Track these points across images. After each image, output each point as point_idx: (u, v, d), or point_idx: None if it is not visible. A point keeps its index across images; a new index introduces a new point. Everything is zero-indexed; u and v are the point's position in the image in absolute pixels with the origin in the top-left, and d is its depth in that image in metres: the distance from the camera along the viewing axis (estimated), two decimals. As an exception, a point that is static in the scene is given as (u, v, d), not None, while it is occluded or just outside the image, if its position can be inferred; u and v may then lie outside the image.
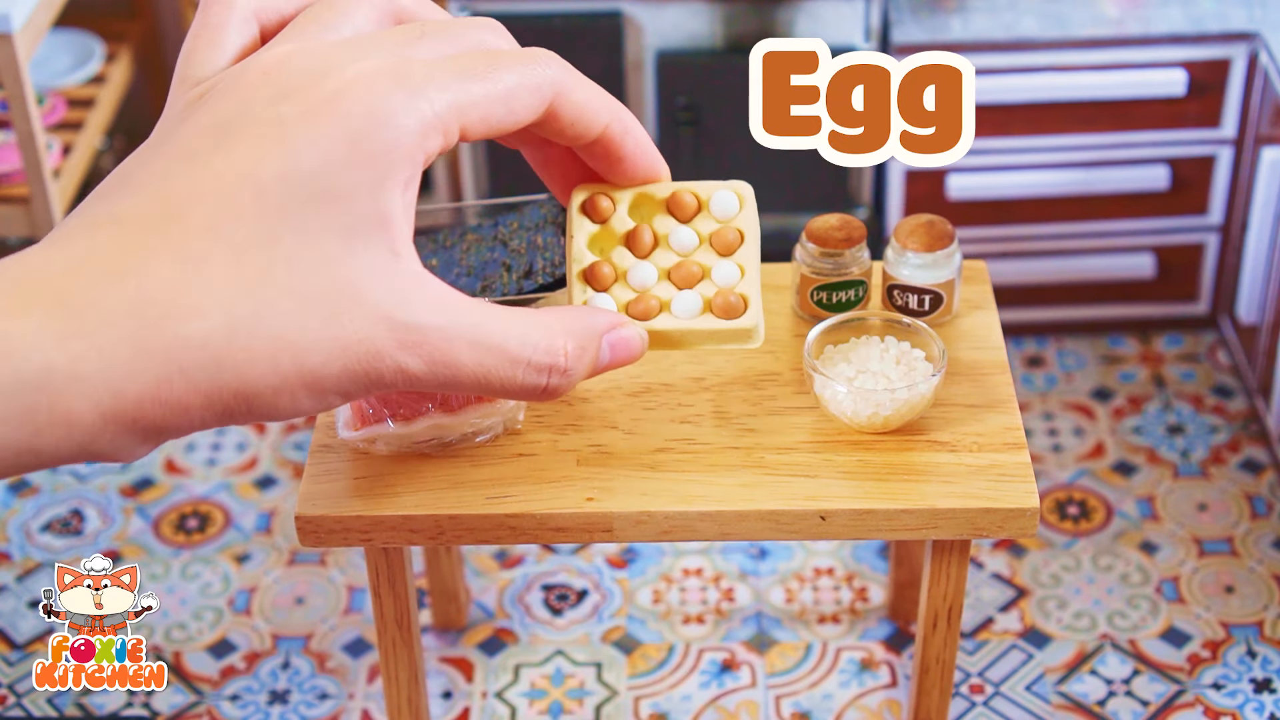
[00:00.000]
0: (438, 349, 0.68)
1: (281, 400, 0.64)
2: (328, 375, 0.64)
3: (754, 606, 1.53)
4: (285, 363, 0.63)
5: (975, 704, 1.44)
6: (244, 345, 0.62)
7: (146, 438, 0.62)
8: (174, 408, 0.61)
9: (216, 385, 0.62)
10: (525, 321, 0.72)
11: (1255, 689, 1.44)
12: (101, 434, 0.60)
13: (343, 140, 0.64)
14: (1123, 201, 1.79)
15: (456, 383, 0.70)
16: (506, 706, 1.44)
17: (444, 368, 0.69)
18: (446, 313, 0.68)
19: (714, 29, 1.77)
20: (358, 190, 0.64)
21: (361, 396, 0.68)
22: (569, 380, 0.76)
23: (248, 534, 1.62)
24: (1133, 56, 1.72)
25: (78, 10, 1.98)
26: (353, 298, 0.64)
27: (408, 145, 0.65)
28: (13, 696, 1.47)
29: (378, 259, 0.65)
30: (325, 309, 0.64)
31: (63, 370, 0.58)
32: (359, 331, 0.65)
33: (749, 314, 1.08)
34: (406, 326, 0.66)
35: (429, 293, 0.67)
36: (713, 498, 1.05)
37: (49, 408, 0.58)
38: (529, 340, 0.72)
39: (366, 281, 0.65)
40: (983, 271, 1.25)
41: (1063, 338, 1.87)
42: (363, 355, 0.65)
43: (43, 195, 1.68)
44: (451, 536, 1.06)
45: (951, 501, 1.05)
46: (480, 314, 0.70)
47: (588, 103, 0.75)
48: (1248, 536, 1.59)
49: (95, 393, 0.59)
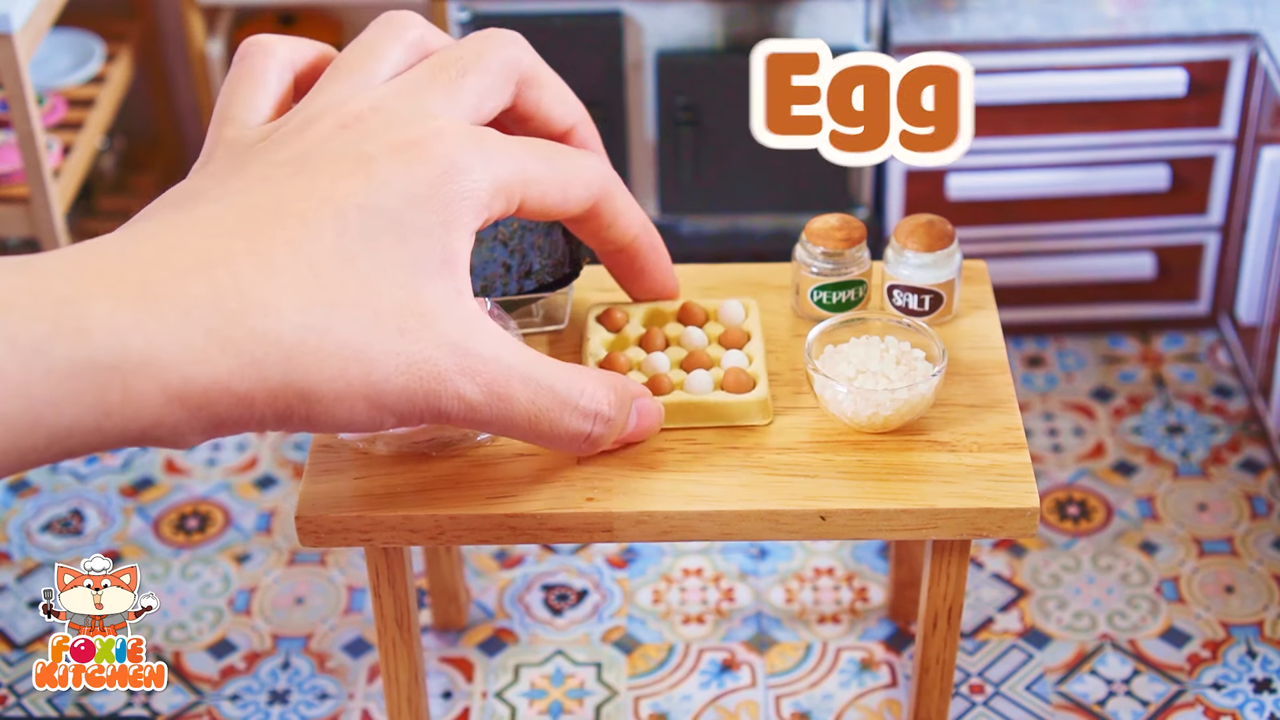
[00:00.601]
0: (496, 380, 0.71)
1: (340, 409, 0.66)
2: (389, 390, 0.66)
3: (754, 606, 1.53)
4: (352, 371, 0.65)
5: (975, 704, 1.44)
6: (315, 348, 0.64)
7: (207, 427, 0.63)
8: (241, 399, 0.62)
9: (284, 384, 0.63)
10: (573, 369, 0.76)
11: (1255, 689, 1.44)
12: (167, 417, 0.61)
13: (425, 182, 0.67)
14: (1123, 201, 1.79)
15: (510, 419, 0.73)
16: (506, 706, 1.44)
17: (499, 401, 0.72)
18: (505, 349, 0.71)
19: (714, 29, 1.77)
20: (432, 230, 0.67)
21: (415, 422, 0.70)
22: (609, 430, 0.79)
23: (248, 534, 1.62)
24: (1133, 56, 1.72)
25: (78, 10, 1.98)
26: (421, 318, 0.67)
27: (480, 198, 0.69)
28: (13, 696, 1.47)
29: (445, 293, 0.68)
30: (395, 325, 0.66)
31: (137, 353, 0.59)
32: (425, 351, 0.67)
33: (759, 389, 1.11)
34: (469, 354, 0.69)
35: (490, 330, 0.71)
36: (713, 498, 1.05)
37: (122, 387, 0.59)
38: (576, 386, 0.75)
39: (436, 309, 0.68)
40: (983, 271, 1.25)
41: (1063, 338, 1.87)
42: (425, 375, 0.67)
43: (43, 195, 1.68)
44: (451, 536, 1.06)
45: (951, 501, 1.05)
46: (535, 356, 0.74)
47: (626, 208, 0.81)
48: (1248, 536, 1.59)
49: (166, 375, 0.60)
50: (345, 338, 0.65)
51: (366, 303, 0.66)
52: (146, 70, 2.05)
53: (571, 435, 0.77)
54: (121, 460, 1.70)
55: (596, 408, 0.77)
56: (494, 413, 0.72)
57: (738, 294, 1.19)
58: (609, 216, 0.80)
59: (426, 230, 0.68)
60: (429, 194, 0.68)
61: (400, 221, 0.67)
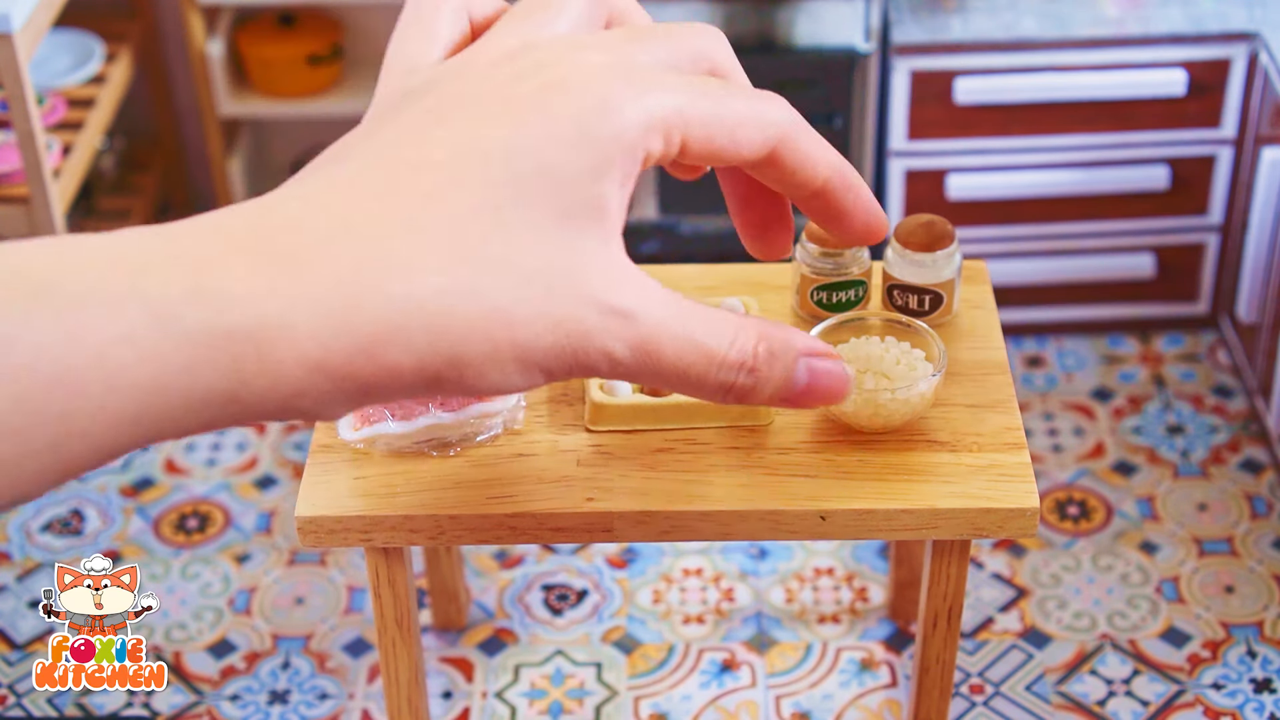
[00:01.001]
0: (643, 336, 0.69)
1: (491, 371, 0.64)
2: (537, 349, 0.65)
3: (754, 606, 1.53)
4: (499, 333, 0.64)
5: (975, 704, 1.44)
6: (460, 312, 0.62)
7: (353, 396, 0.62)
8: (386, 367, 0.61)
9: (431, 349, 0.62)
10: (724, 319, 0.73)
11: (1255, 689, 1.44)
12: (309, 388, 0.60)
13: (571, 123, 0.64)
14: (1123, 201, 1.79)
15: (657, 372, 0.71)
16: (506, 706, 1.44)
17: (646, 356, 0.70)
18: (654, 303, 0.69)
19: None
20: (580, 175, 0.64)
21: (564, 378, 0.69)
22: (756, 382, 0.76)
23: (248, 534, 1.62)
24: (1133, 56, 1.72)
25: (78, 10, 1.98)
26: (568, 276, 0.65)
27: (630, 138, 0.65)
28: (13, 696, 1.47)
29: (593, 245, 0.66)
30: (541, 284, 0.64)
31: (273, 319, 0.58)
32: (573, 310, 0.66)
33: None
34: (616, 311, 0.67)
35: (638, 283, 0.68)
36: (713, 498, 1.04)
37: (257, 356, 0.58)
38: (726, 337, 0.73)
39: (581, 263, 0.65)
40: (983, 271, 1.25)
41: (1063, 338, 1.87)
42: (573, 333, 0.66)
43: (43, 195, 1.68)
44: (451, 536, 1.05)
45: (951, 501, 1.05)
46: (685, 307, 0.71)
47: (812, 152, 0.76)
48: (1248, 536, 1.59)
49: (304, 343, 0.59)
50: (491, 299, 0.64)
51: (512, 260, 0.64)
52: (146, 70, 2.05)
53: (717, 387, 0.74)
54: (121, 460, 1.70)
55: (741, 359, 0.75)
56: (640, 367, 0.71)
57: (738, 294, 1.19)
58: (792, 163, 0.76)
59: (573, 177, 0.65)
60: (576, 136, 0.65)
61: (546, 167, 0.65)
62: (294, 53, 1.93)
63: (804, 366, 0.81)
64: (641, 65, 0.68)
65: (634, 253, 1.70)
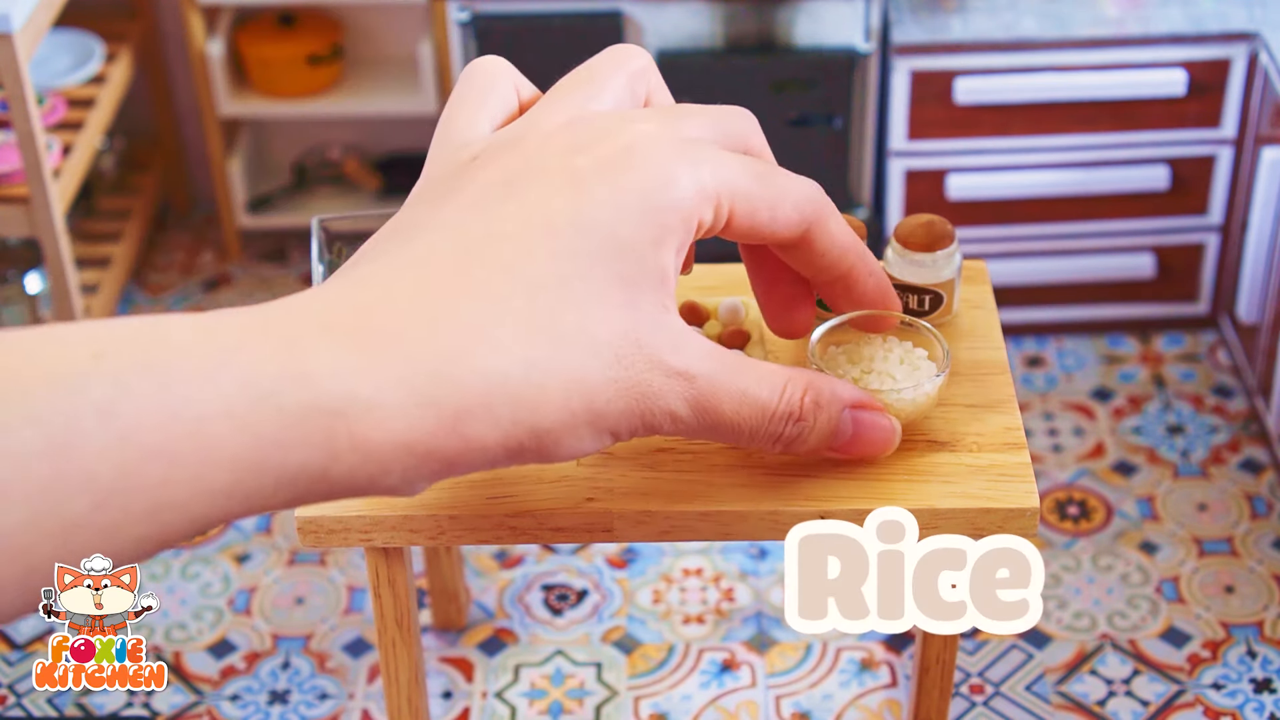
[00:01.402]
0: (703, 395, 0.71)
1: (567, 438, 0.66)
2: (610, 414, 0.67)
3: (754, 606, 1.53)
4: (576, 401, 0.65)
5: (975, 704, 1.44)
6: (539, 382, 0.63)
7: (436, 472, 0.62)
8: (471, 442, 0.62)
9: (514, 421, 0.63)
10: (774, 371, 0.76)
11: (1255, 689, 1.44)
12: (395, 465, 0.60)
13: (635, 194, 0.66)
14: (1123, 201, 1.79)
15: (715, 429, 0.74)
16: (506, 706, 1.44)
17: (707, 415, 0.72)
18: (711, 362, 0.71)
19: (714, 29, 1.77)
20: (644, 244, 0.67)
21: (629, 438, 0.70)
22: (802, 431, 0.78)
23: (248, 534, 1.62)
24: (1133, 56, 1.72)
25: (78, 10, 1.98)
26: (635, 344, 0.67)
27: (688, 210, 0.68)
28: (13, 696, 1.47)
29: (654, 310, 0.68)
30: (611, 353, 0.66)
31: (363, 398, 0.59)
32: (641, 375, 0.67)
33: None
34: (680, 374, 0.69)
35: (696, 344, 0.71)
36: (713, 498, 1.04)
37: (348, 434, 0.58)
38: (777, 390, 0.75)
39: (646, 329, 0.68)
40: (983, 271, 1.25)
41: (1063, 338, 1.87)
42: (640, 396, 0.68)
43: (43, 195, 1.68)
44: (451, 536, 1.06)
45: (951, 501, 1.05)
46: (738, 364, 0.73)
47: (842, 237, 0.78)
48: (1248, 536, 1.59)
49: (392, 421, 0.59)
50: (568, 370, 0.65)
51: (585, 329, 0.66)
52: (146, 70, 2.05)
53: (767, 436, 0.76)
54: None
55: (790, 409, 0.77)
56: (701, 425, 0.73)
57: (738, 294, 1.19)
58: (822, 244, 0.78)
59: (637, 246, 0.67)
60: (639, 206, 0.67)
61: (612, 237, 0.66)
62: (294, 53, 1.93)
63: (849, 418, 0.84)
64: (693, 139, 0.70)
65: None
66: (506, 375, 0.63)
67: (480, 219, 0.66)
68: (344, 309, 0.61)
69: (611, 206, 0.66)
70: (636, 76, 0.74)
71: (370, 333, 0.60)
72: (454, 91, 0.75)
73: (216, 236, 2.10)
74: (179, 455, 0.55)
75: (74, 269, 1.75)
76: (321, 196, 2.05)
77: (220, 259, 2.07)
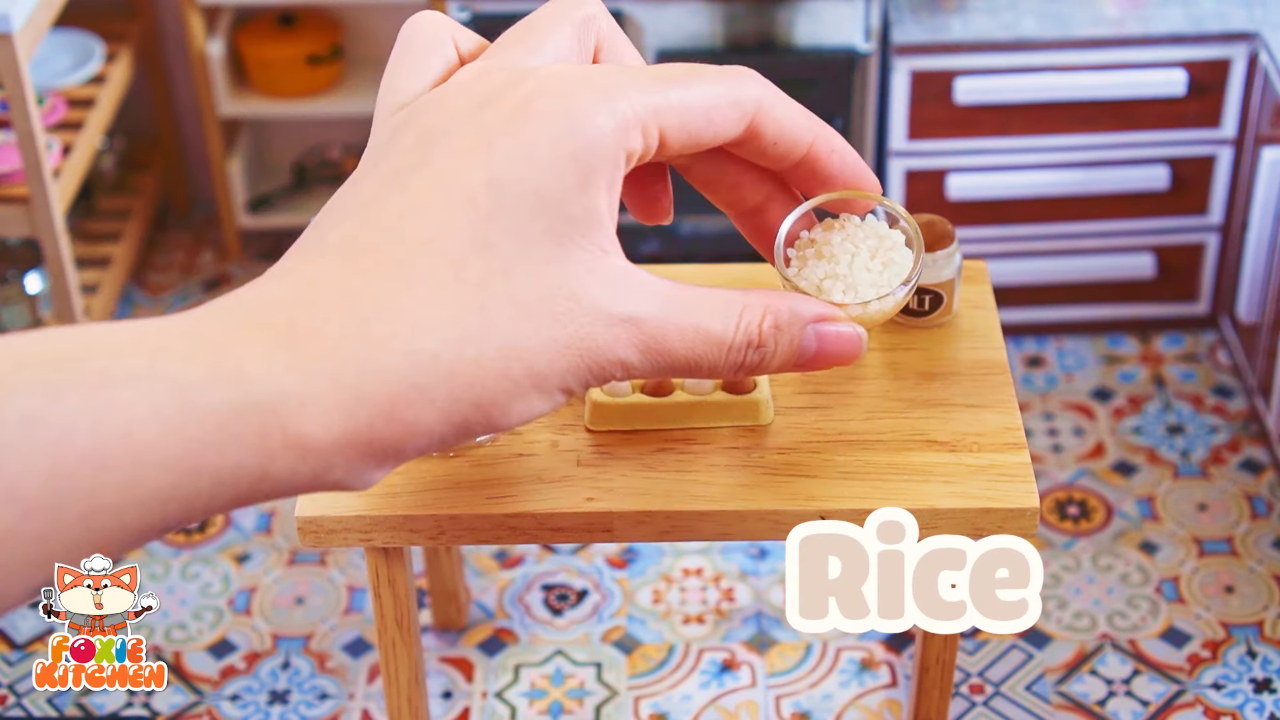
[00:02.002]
0: (652, 338, 0.69)
1: (515, 405, 0.64)
2: (554, 374, 0.65)
3: (754, 606, 1.53)
4: (515, 369, 0.63)
5: (975, 704, 1.44)
6: (473, 357, 0.62)
7: (381, 461, 0.62)
8: (411, 426, 0.61)
9: (453, 399, 0.62)
10: (728, 300, 0.72)
11: (1255, 689, 1.44)
12: (335, 459, 0.60)
13: (545, 142, 0.64)
14: (1123, 201, 1.79)
15: (672, 370, 0.71)
16: (506, 706, 1.44)
17: (660, 356, 0.70)
18: (657, 302, 0.69)
19: (714, 29, 1.77)
20: (565, 192, 0.64)
21: (583, 392, 0.68)
22: (764, 357, 0.75)
23: (248, 534, 1.62)
24: (1133, 56, 1.72)
25: (78, 10, 1.98)
26: (570, 297, 0.65)
27: (607, 144, 0.65)
28: (13, 696, 1.47)
29: (589, 257, 0.66)
30: (546, 312, 0.64)
31: (294, 394, 0.58)
32: (580, 329, 0.65)
33: (759, 389, 1.10)
34: (623, 320, 0.67)
35: (639, 284, 0.68)
36: (713, 498, 1.04)
37: (281, 430, 0.58)
38: (731, 319, 0.72)
39: (581, 280, 0.65)
40: (983, 271, 1.25)
41: (1063, 338, 1.87)
42: (584, 350, 0.66)
43: (43, 195, 1.68)
44: (451, 536, 1.05)
45: (951, 501, 1.05)
46: (686, 296, 0.70)
47: (790, 120, 0.74)
48: (1248, 536, 1.59)
49: (326, 415, 0.59)
50: (501, 338, 0.63)
51: (516, 294, 0.64)
52: (146, 70, 2.05)
53: (728, 367, 0.74)
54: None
55: (748, 337, 0.74)
56: (654, 366, 0.70)
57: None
58: (772, 134, 0.74)
59: (558, 195, 0.65)
60: (551, 155, 0.64)
61: (529, 192, 0.64)
62: (294, 53, 1.93)
63: (812, 334, 0.80)
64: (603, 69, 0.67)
65: (634, 253, 1.70)
66: (436, 355, 0.62)
67: (396, 193, 0.65)
68: (270, 306, 0.60)
69: (522, 160, 0.64)
70: (583, 25, 0.70)
71: (296, 328, 0.60)
72: (393, 51, 0.72)
73: (216, 236, 2.10)
74: (108, 460, 0.54)
75: (74, 269, 1.75)
76: (321, 196, 2.05)
77: (220, 259, 2.07)
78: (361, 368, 0.60)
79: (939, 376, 1.12)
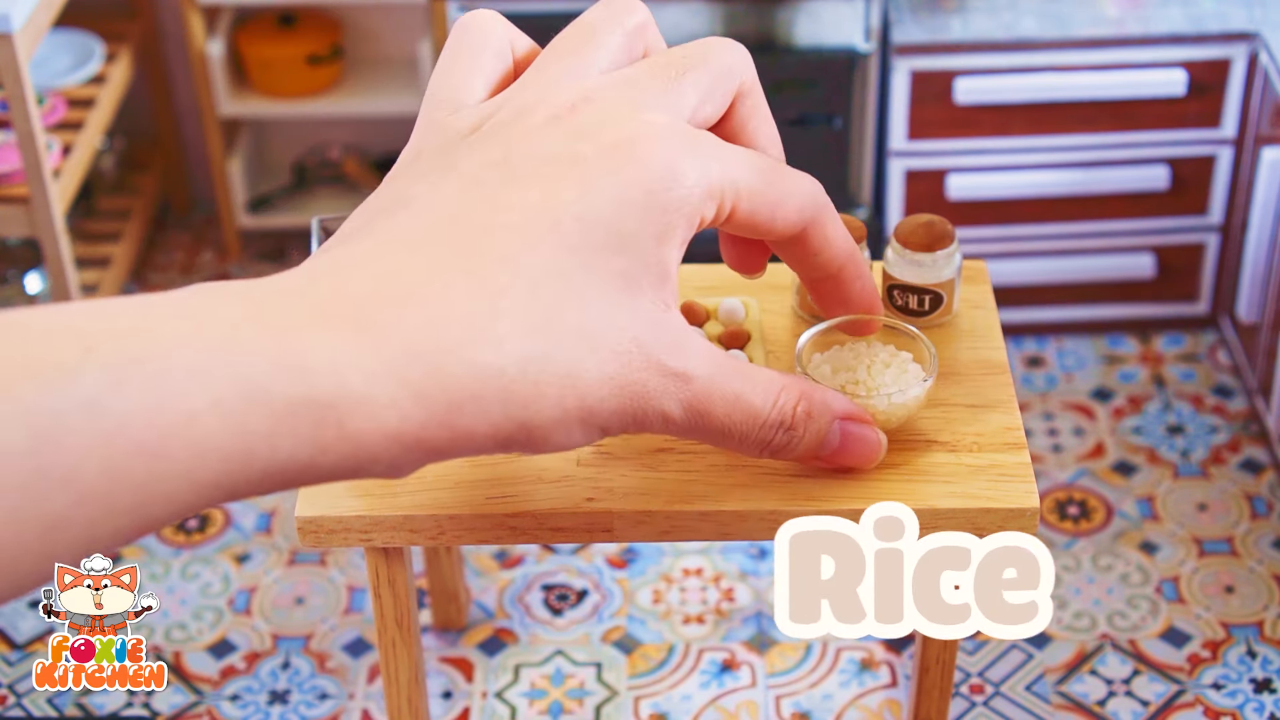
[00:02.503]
0: (697, 398, 0.70)
1: (558, 434, 0.65)
2: (603, 411, 0.66)
3: (754, 606, 1.53)
4: (569, 399, 0.64)
5: (975, 704, 1.44)
6: (535, 379, 0.63)
7: (424, 459, 0.62)
8: (462, 434, 0.62)
9: (506, 416, 0.62)
10: (769, 379, 0.75)
11: (1255, 689, 1.44)
12: (383, 454, 0.60)
13: (641, 189, 0.65)
14: (1123, 201, 1.79)
15: (705, 432, 0.73)
16: (506, 706, 1.44)
17: (699, 417, 0.71)
18: (709, 365, 0.71)
19: (714, 29, 1.77)
20: (645, 240, 0.66)
21: (618, 434, 0.69)
22: (793, 440, 0.78)
23: (248, 534, 1.62)
24: (1133, 56, 1.72)
25: (78, 10, 1.98)
26: (634, 341, 0.66)
27: (692, 205, 0.67)
28: (13, 696, 1.47)
29: (654, 309, 0.67)
30: (609, 350, 0.65)
31: (356, 391, 0.58)
32: (636, 374, 0.67)
33: None
34: (676, 375, 0.69)
35: (695, 345, 0.70)
36: (713, 498, 1.04)
37: (338, 425, 0.58)
38: (770, 397, 0.75)
39: (647, 328, 0.67)
40: (983, 271, 1.25)
41: (1063, 338, 1.87)
42: (635, 395, 0.67)
43: (43, 195, 1.68)
44: (451, 536, 1.05)
45: (951, 501, 1.05)
46: (732, 366, 0.72)
47: (837, 241, 0.77)
48: (1248, 536, 1.59)
49: (383, 413, 0.59)
50: (564, 366, 0.64)
51: (584, 326, 0.65)
52: (146, 70, 2.05)
53: (757, 443, 0.76)
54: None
55: (781, 418, 0.76)
56: (692, 426, 0.72)
57: (738, 294, 1.19)
58: (817, 243, 0.77)
59: (640, 242, 0.66)
60: (644, 202, 0.65)
61: (615, 232, 0.65)
62: (294, 53, 1.93)
63: (838, 429, 0.83)
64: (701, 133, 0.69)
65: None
66: (502, 371, 0.62)
67: (481, 202, 0.65)
68: (337, 295, 0.61)
69: (616, 201, 0.65)
70: (634, 34, 0.72)
71: (364, 323, 0.60)
72: (445, 49, 0.72)
73: (216, 236, 2.10)
74: (167, 451, 0.54)
75: (74, 269, 1.75)
76: (321, 196, 2.05)
77: (220, 259, 2.07)
78: (427, 371, 0.60)
79: (939, 376, 1.12)
